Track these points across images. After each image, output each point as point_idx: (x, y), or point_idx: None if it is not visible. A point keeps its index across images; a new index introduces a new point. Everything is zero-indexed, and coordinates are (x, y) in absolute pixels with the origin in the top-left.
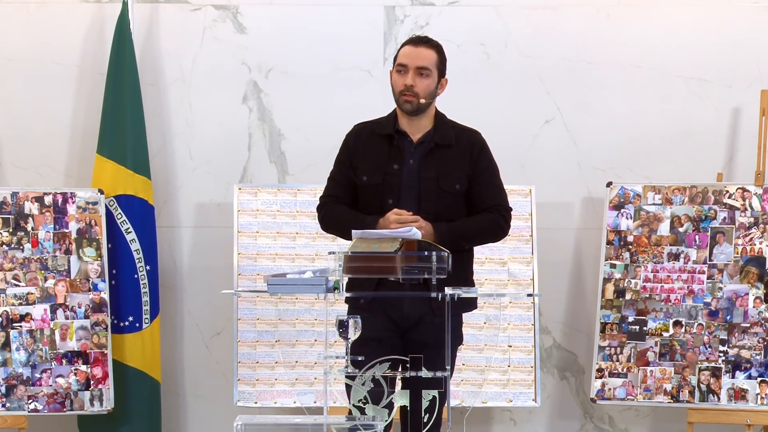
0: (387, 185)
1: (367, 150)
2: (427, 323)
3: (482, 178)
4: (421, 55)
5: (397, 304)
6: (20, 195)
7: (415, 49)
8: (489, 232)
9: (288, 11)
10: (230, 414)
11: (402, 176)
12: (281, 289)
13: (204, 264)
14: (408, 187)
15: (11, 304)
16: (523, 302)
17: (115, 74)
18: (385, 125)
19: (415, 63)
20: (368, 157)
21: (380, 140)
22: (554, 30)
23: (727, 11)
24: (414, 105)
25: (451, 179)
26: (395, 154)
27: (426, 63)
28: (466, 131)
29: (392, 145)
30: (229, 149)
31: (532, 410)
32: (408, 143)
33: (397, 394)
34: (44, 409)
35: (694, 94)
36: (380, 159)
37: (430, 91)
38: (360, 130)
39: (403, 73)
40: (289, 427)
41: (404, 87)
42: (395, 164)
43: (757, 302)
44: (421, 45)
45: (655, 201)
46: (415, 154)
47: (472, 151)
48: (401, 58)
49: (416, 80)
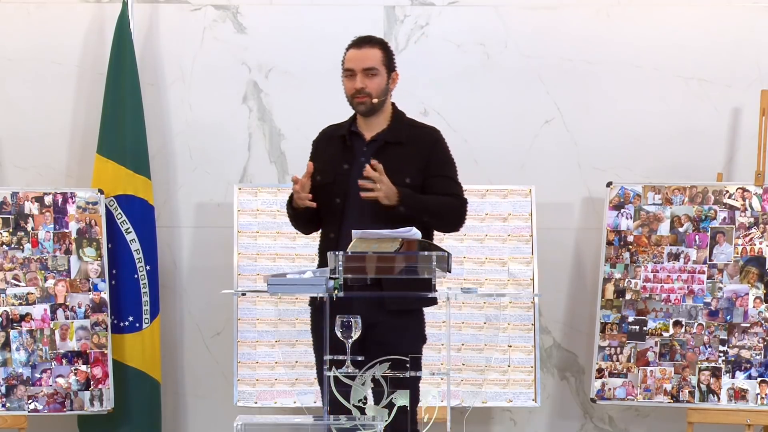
0: (336, 185)
1: (325, 152)
2: (381, 322)
3: (436, 170)
4: (367, 56)
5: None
6: (20, 195)
7: (359, 51)
8: (448, 213)
9: (288, 11)
10: (230, 414)
11: (351, 176)
12: (281, 289)
13: (204, 264)
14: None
15: (11, 304)
16: (523, 302)
17: (115, 74)
18: (343, 127)
19: (362, 65)
20: (324, 158)
21: (336, 141)
22: (554, 30)
23: (727, 11)
24: (368, 105)
25: (402, 174)
26: (347, 154)
27: (372, 63)
28: (422, 129)
29: (345, 146)
30: (229, 149)
31: (532, 410)
32: (360, 143)
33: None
34: (44, 409)
35: (694, 94)
36: (333, 160)
37: (381, 89)
38: (323, 133)
39: (352, 77)
40: (289, 427)
41: (355, 90)
42: (345, 164)
43: (757, 302)
44: (365, 46)
45: (655, 201)
46: (367, 152)
47: (426, 147)
48: (347, 62)
49: (365, 81)
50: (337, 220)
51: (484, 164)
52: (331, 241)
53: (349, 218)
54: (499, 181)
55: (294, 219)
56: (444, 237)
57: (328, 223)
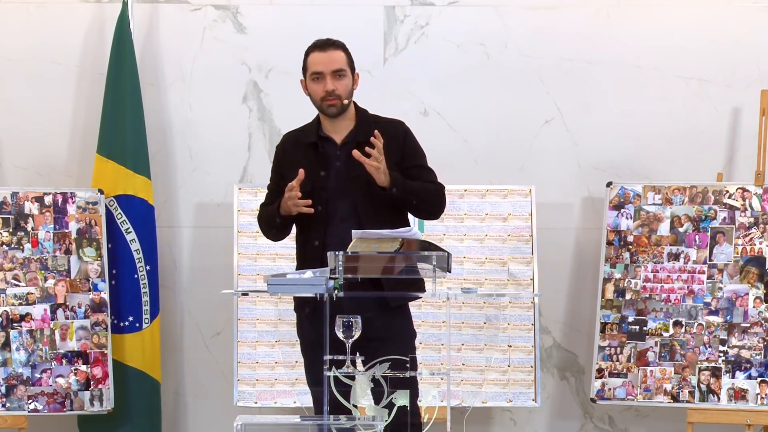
0: (315, 192)
1: (293, 160)
2: (371, 319)
3: (411, 161)
4: (334, 59)
5: (337, 305)
6: (20, 195)
7: (325, 53)
8: (433, 198)
9: (288, 11)
10: (230, 414)
11: (329, 181)
12: (281, 289)
13: (204, 264)
14: (338, 189)
15: (11, 304)
16: (523, 302)
17: (115, 74)
18: (309, 133)
19: (330, 67)
20: (294, 165)
21: (305, 149)
22: (554, 30)
23: (727, 11)
24: (338, 107)
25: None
26: (321, 160)
27: (340, 65)
28: (388, 123)
29: (317, 152)
30: (229, 149)
31: (532, 410)
32: (333, 147)
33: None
34: (44, 409)
35: (694, 94)
36: (306, 167)
37: (348, 91)
38: (286, 140)
39: (320, 80)
40: (289, 427)
41: (325, 93)
42: (322, 171)
43: (757, 302)
44: (330, 48)
45: (655, 201)
46: (341, 156)
47: (397, 140)
48: (314, 65)
49: (335, 83)
50: (320, 227)
51: (484, 164)
52: (316, 249)
53: (333, 225)
54: (499, 181)
55: (275, 228)
56: (444, 237)
57: (310, 231)
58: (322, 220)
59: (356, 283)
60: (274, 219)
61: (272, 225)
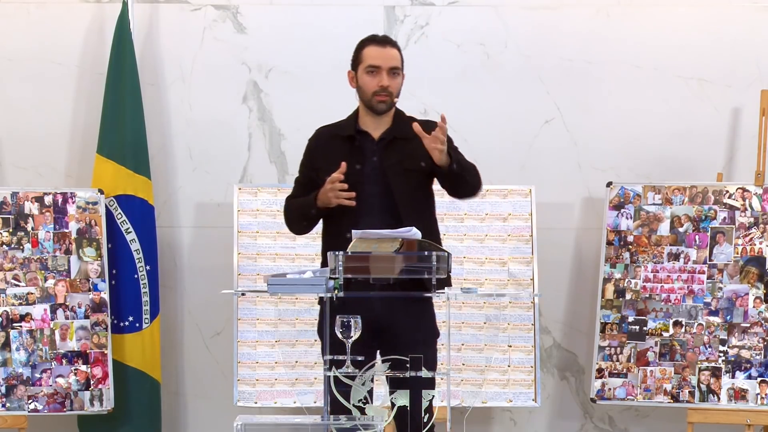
0: (349, 185)
1: (328, 152)
2: (400, 322)
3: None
4: (392, 55)
5: (369, 305)
6: (20, 195)
7: (384, 49)
8: (476, 174)
9: (288, 11)
10: (230, 414)
11: (364, 175)
12: (281, 289)
13: (204, 264)
14: (373, 182)
15: (11, 304)
16: (523, 302)
17: (115, 74)
18: (346, 127)
19: (389, 63)
20: (330, 158)
21: (341, 142)
22: (554, 30)
23: (727, 11)
24: (388, 104)
25: (415, 159)
26: (357, 154)
27: (396, 63)
28: (424, 122)
29: (354, 146)
30: (229, 149)
31: (532, 410)
32: (370, 141)
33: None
34: (44, 409)
35: (694, 94)
36: (342, 160)
37: (399, 90)
38: (320, 133)
39: (375, 74)
40: (289, 427)
41: (379, 88)
42: (357, 164)
43: (757, 302)
44: (389, 45)
45: (655, 201)
46: (377, 150)
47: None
48: (371, 59)
49: (390, 80)
50: (352, 220)
51: (484, 164)
52: (348, 241)
53: (366, 218)
54: (499, 181)
55: (307, 219)
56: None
57: (342, 224)
58: (355, 213)
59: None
60: (308, 210)
61: (305, 217)
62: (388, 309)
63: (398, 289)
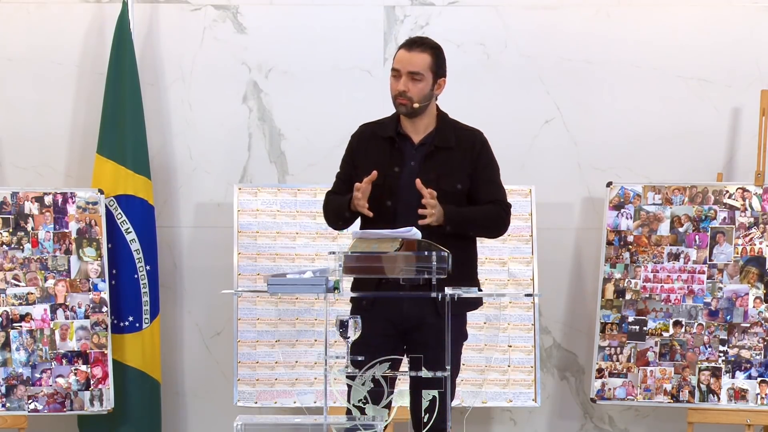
0: (387, 187)
1: (368, 151)
2: (429, 324)
3: (482, 175)
4: (413, 61)
5: (397, 305)
6: (20, 195)
7: (408, 53)
8: (492, 222)
9: (288, 11)
10: (230, 414)
11: (402, 179)
12: (281, 289)
13: (204, 264)
14: (408, 188)
15: (11, 304)
16: (523, 302)
17: (115, 74)
18: (387, 127)
19: (407, 68)
20: (369, 158)
21: (382, 142)
22: (554, 30)
23: (727, 11)
24: (408, 108)
25: (453, 179)
26: (396, 156)
27: (417, 68)
28: (467, 131)
29: (393, 148)
30: (229, 149)
31: (532, 410)
32: (409, 146)
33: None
34: (44, 409)
35: (694, 94)
36: (381, 161)
37: (423, 95)
38: (363, 131)
39: (397, 78)
40: (289, 427)
41: (397, 92)
42: (395, 167)
43: (757, 302)
44: (415, 49)
45: (655, 201)
46: (416, 156)
47: (473, 151)
48: (395, 62)
49: (408, 85)
50: (388, 221)
51: None
52: None
53: (401, 220)
54: None
55: (342, 220)
56: None
57: (377, 224)
58: (390, 215)
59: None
60: (343, 212)
61: (340, 217)
62: (418, 310)
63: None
